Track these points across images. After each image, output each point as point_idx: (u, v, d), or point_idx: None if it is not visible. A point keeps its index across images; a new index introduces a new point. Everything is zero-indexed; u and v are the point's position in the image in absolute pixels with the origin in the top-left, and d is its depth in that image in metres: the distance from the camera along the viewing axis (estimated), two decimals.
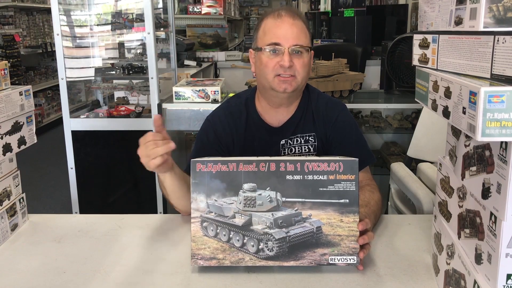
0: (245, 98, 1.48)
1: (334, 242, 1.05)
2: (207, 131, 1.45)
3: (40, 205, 3.62)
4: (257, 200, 1.06)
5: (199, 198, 1.07)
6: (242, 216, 1.06)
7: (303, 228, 1.05)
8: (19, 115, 1.27)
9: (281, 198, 1.06)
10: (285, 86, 1.33)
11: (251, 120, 1.44)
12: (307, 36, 1.35)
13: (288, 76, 1.32)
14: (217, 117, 1.46)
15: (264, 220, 1.06)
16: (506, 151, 0.71)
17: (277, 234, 1.05)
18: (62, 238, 1.26)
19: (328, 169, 1.06)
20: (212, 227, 1.07)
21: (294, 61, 1.31)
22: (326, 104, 1.46)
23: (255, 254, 1.05)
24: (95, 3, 2.98)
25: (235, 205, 1.07)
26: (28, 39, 6.16)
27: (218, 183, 1.07)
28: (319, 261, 1.05)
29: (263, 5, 11.87)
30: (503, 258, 0.74)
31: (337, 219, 1.06)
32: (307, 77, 1.38)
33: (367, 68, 3.77)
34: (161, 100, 2.71)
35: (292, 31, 1.31)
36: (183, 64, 4.40)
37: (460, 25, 0.80)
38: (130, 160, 2.84)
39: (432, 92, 0.90)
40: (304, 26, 1.35)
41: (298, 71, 1.32)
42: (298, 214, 1.06)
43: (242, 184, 1.06)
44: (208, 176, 1.07)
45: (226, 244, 1.06)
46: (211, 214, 1.07)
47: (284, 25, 1.32)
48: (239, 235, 1.06)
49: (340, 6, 5.34)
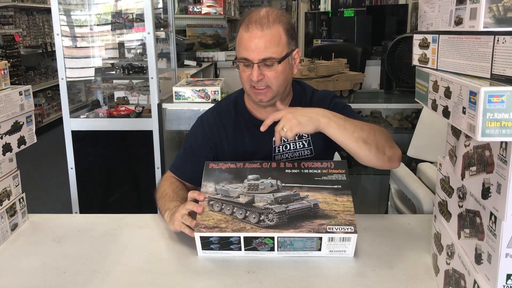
0: (234, 97, 1.50)
1: (331, 215, 1.12)
2: (196, 132, 1.49)
3: (40, 205, 3.62)
4: (259, 186, 1.20)
5: (209, 184, 1.22)
6: (245, 196, 1.18)
7: (301, 204, 1.15)
8: (19, 115, 1.27)
9: (281, 183, 1.20)
10: (260, 98, 1.33)
11: (240, 117, 1.45)
12: (280, 43, 1.27)
13: (262, 88, 1.31)
14: (206, 118, 1.48)
15: (265, 199, 1.17)
16: (506, 151, 0.71)
17: (277, 208, 1.14)
18: (62, 238, 1.26)
19: (321, 166, 1.25)
20: (217, 204, 1.17)
21: (266, 73, 1.28)
22: (319, 97, 1.46)
23: (256, 224, 1.11)
24: (95, 3, 2.98)
25: (240, 189, 1.20)
26: (28, 39, 6.16)
27: (226, 175, 1.25)
28: (318, 230, 1.08)
29: (263, 5, 11.87)
30: (503, 258, 0.74)
31: (332, 198, 1.16)
32: (285, 83, 1.34)
33: (367, 68, 3.77)
34: (161, 100, 2.71)
35: (260, 43, 1.25)
36: (183, 64, 4.40)
37: (460, 25, 0.80)
38: (130, 160, 2.85)
39: (432, 92, 0.90)
40: (278, 32, 1.27)
41: (271, 81, 1.29)
42: (296, 195, 1.18)
43: (247, 175, 1.23)
44: (218, 171, 1.26)
45: (229, 216, 1.14)
46: (218, 195, 1.19)
47: (252, 38, 1.26)
48: (242, 210, 1.14)
49: (340, 6, 5.34)
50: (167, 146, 2.76)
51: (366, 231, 1.25)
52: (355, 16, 4.95)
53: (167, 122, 2.73)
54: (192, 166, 1.42)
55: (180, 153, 1.49)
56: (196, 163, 1.38)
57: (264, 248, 1.11)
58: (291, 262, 1.10)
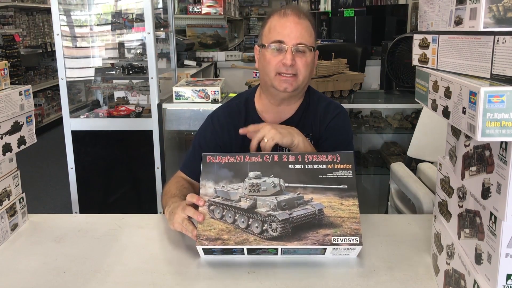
0: (245, 97, 1.50)
1: (336, 224, 1.08)
2: (205, 130, 1.49)
3: (40, 205, 3.62)
4: (261, 186, 1.14)
5: (208, 184, 1.16)
6: (247, 200, 1.13)
7: (305, 210, 1.10)
8: (19, 115, 1.27)
9: (284, 183, 1.14)
10: (285, 86, 1.34)
11: (250, 119, 1.45)
12: (311, 36, 1.36)
13: (289, 76, 1.33)
14: (216, 117, 1.49)
15: (268, 203, 1.12)
16: (506, 151, 0.71)
17: (281, 216, 1.09)
18: (62, 238, 1.26)
19: (326, 160, 1.16)
20: (218, 210, 1.12)
21: (297, 60, 1.32)
22: (326, 106, 1.47)
23: (259, 235, 1.08)
24: (95, 3, 2.98)
25: (241, 190, 1.14)
26: (28, 39, 6.16)
27: (226, 172, 1.17)
28: (322, 242, 1.06)
29: (263, 5, 11.86)
30: (503, 258, 0.74)
31: (337, 202, 1.11)
32: (309, 77, 1.38)
33: (367, 68, 3.77)
34: (161, 100, 2.71)
35: (296, 30, 1.32)
36: (183, 64, 4.40)
37: (460, 25, 0.80)
38: (130, 160, 2.85)
39: (432, 92, 0.90)
40: (310, 26, 1.36)
41: (300, 70, 1.33)
42: (300, 198, 1.12)
43: (248, 172, 1.16)
44: (217, 166, 1.18)
45: (231, 226, 1.10)
46: (218, 198, 1.14)
47: (289, 23, 1.33)
48: (244, 217, 1.10)
49: (340, 6, 5.35)
50: (167, 146, 2.76)
51: (366, 231, 1.24)
52: (355, 16, 4.95)
53: (167, 122, 2.73)
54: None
55: (189, 152, 1.50)
56: None
57: (268, 254, 1.10)
58: (291, 262, 1.10)
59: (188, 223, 1.14)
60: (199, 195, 1.14)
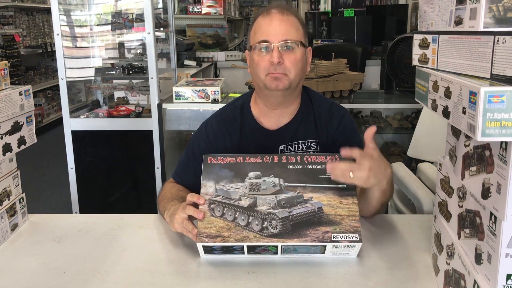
0: (241, 103, 1.46)
1: (335, 221, 1.09)
2: (199, 139, 1.45)
3: (40, 205, 3.62)
4: (261, 185, 1.16)
5: (208, 184, 1.18)
6: (247, 198, 1.14)
7: (305, 208, 1.11)
8: (19, 115, 1.27)
9: (283, 183, 1.16)
10: (276, 83, 1.29)
11: (247, 125, 1.41)
12: (299, 31, 1.32)
13: (279, 73, 1.29)
14: (210, 125, 1.45)
15: (268, 201, 1.13)
16: (506, 151, 0.71)
17: (281, 214, 1.10)
18: (62, 238, 1.26)
19: (326, 161, 1.18)
20: (219, 208, 1.13)
21: (285, 58, 1.28)
22: (328, 108, 1.42)
23: (259, 232, 1.08)
24: (95, 3, 2.98)
25: (241, 190, 1.16)
26: (28, 39, 6.16)
27: (227, 172, 1.19)
28: (322, 239, 1.06)
29: (263, 5, 11.85)
30: (503, 258, 0.74)
31: (336, 201, 1.13)
32: (301, 74, 1.33)
33: (367, 68, 3.77)
34: (161, 100, 2.71)
35: (281, 27, 1.29)
36: (183, 64, 4.40)
37: (460, 25, 0.80)
38: (130, 160, 2.85)
39: (432, 92, 0.90)
40: (296, 21, 1.32)
41: (288, 68, 1.29)
42: (300, 196, 1.14)
43: (248, 172, 1.18)
44: (218, 167, 1.20)
45: (231, 223, 1.10)
46: (219, 197, 1.15)
47: (272, 21, 1.30)
48: (244, 215, 1.11)
49: (340, 6, 5.35)
50: (167, 146, 2.77)
51: (366, 231, 1.25)
52: (355, 16, 4.95)
53: (167, 122, 2.73)
54: (194, 173, 1.38)
55: (182, 159, 1.46)
56: (198, 170, 1.35)
57: (268, 253, 1.10)
58: (291, 262, 1.10)
59: (188, 223, 1.14)
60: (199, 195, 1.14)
